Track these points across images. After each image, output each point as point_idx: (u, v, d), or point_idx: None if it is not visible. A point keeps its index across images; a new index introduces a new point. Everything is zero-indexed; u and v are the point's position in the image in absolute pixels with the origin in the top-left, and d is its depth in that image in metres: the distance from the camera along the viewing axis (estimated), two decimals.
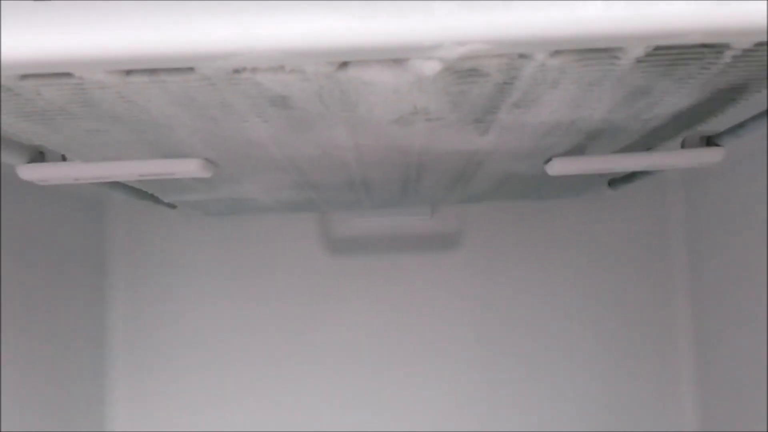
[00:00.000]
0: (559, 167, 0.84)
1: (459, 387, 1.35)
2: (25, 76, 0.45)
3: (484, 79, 0.50)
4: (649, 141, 0.77)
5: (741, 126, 0.77)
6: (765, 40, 0.44)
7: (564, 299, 1.35)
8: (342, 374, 1.35)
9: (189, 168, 0.73)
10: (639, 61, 0.47)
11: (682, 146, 0.85)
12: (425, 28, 0.41)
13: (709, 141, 0.85)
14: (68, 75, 0.45)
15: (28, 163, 0.74)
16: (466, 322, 1.36)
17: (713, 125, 0.77)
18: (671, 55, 0.46)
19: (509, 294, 1.36)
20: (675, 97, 0.57)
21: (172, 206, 1.19)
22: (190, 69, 0.44)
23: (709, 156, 0.83)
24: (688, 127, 0.71)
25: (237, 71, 0.45)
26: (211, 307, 1.35)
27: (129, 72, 0.45)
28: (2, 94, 0.49)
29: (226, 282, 1.35)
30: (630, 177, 1.12)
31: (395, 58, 0.44)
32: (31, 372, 1.07)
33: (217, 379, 1.34)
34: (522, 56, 0.45)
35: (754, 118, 0.75)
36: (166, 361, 1.34)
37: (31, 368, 1.06)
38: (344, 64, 0.45)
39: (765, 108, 0.75)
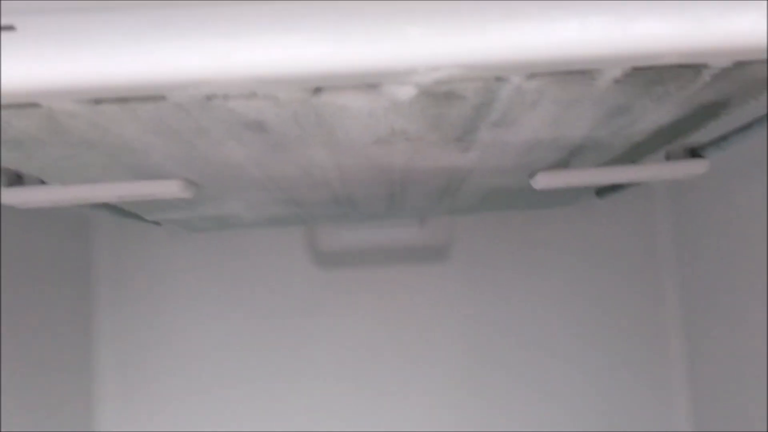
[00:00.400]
0: (543, 181, 0.83)
1: (450, 398, 1.34)
2: None
3: (462, 101, 0.49)
4: (633, 154, 0.77)
5: (724, 138, 0.76)
6: (743, 59, 0.44)
7: (554, 308, 1.35)
8: (331, 386, 1.34)
9: (169, 189, 0.72)
10: (617, 81, 0.46)
11: (667, 158, 0.84)
12: (398, 54, 0.41)
13: (694, 153, 0.85)
14: (36, 105, 0.44)
15: (8, 186, 0.73)
16: (456, 333, 1.35)
17: (698, 136, 0.77)
18: (649, 75, 0.46)
19: (499, 304, 1.35)
20: (655, 114, 0.57)
21: (157, 223, 1.18)
22: (162, 97, 0.43)
23: (693, 168, 0.82)
24: (671, 141, 0.71)
25: (209, 98, 0.44)
26: (199, 322, 1.34)
27: (98, 101, 0.44)
28: None
29: (213, 297, 1.34)
30: (618, 186, 1.12)
31: (369, 83, 0.43)
32: (17, 392, 1.05)
33: (206, 395, 1.33)
34: (498, 79, 0.45)
35: (738, 131, 0.75)
36: (154, 378, 1.33)
37: (16, 389, 1.05)
38: (318, 90, 0.44)
39: (748, 120, 0.75)
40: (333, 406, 1.34)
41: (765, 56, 0.42)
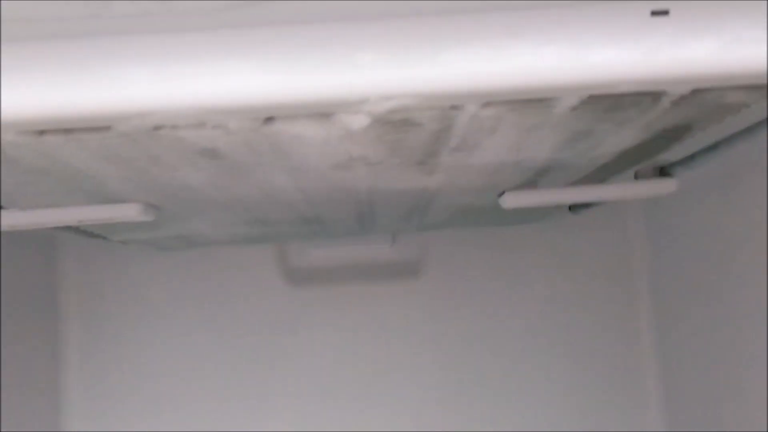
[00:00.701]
0: (511, 201, 0.83)
1: (424, 414, 1.33)
2: None
3: (419, 128, 0.48)
4: (600, 174, 0.76)
5: (692, 158, 0.76)
6: (701, 87, 0.43)
7: (528, 322, 1.34)
8: (304, 404, 1.32)
9: (128, 213, 0.71)
10: (574, 108, 0.46)
11: (636, 177, 0.84)
12: (349, 84, 0.40)
13: (663, 171, 0.84)
14: None
15: None
16: (429, 349, 1.34)
17: (668, 154, 0.77)
18: (607, 102, 0.45)
19: (472, 320, 1.34)
20: (618, 138, 0.56)
21: (124, 243, 1.16)
22: (107, 128, 0.42)
23: (662, 187, 0.82)
24: (638, 162, 0.70)
25: (156, 128, 0.43)
26: (168, 341, 1.31)
27: (42, 132, 0.43)
28: None
29: (183, 316, 1.32)
30: (590, 202, 1.12)
31: (321, 112, 0.42)
32: None
33: (176, 414, 1.31)
34: (454, 107, 0.44)
35: (706, 150, 0.74)
36: (123, 398, 1.30)
37: None
38: (269, 119, 0.43)
39: (717, 139, 0.75)
40: (305, 423, 1.32)
41: (722, 83, 0.42)
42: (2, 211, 0.72)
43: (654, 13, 0.40)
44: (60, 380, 1.29)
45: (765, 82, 0.41)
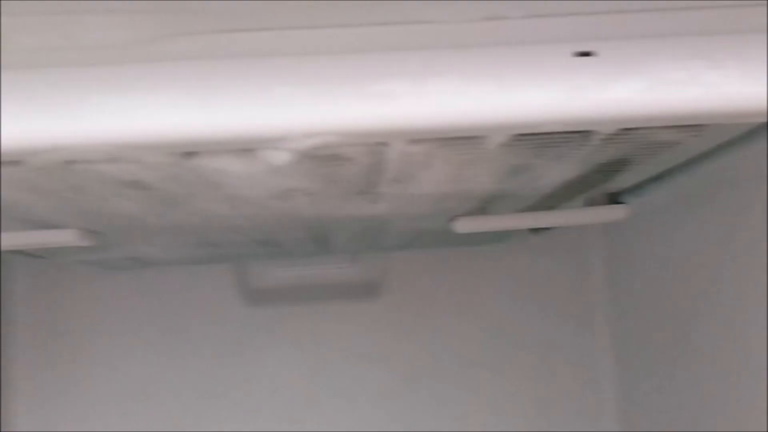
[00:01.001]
0: (463, 226, 0.82)
1: None
2: None
3: (350, 161, 0.47)
4: (549, 201, 0.76)
5: (639, 187, 0.76)
6: (628, 126, 0.43)
7: (487, 343, 1.33)
8: (263, 424, 1.30)
9: (65, 239, 0.69)
10: (504, 145, 0.45)
11: (587, 204, 0.84)
12: (267, 121, 0.39)
13: (613, 198, 0.84)
14: None
15: None
16: (389, 369, 1.33)
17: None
18: (537, 140, 0.44)
19: (432, 340, 1.33)
20: (557, 171, 0.56)
21: (69, 264, 1.14)
22: (17, 162, 0.41)
23: (613, 214, 0.82)
24: (584, 192, 0.70)
25: (68, 163, 0.41)
26: (122, 363, 1.29)
27: None
28: None
29: (137, 336, 1.29)
30: None
31: (242, 148, 0.41)
32: None
33: None
34: (380, 144, 0.43)
35: (654, 180, 0.74)
36: (73, 422, 1.27)
37: None
38: (189, 154, 0.42)
39: (667, 168, 0.74)
40: None
41: (648, 124, 0.41)
42: None
43: (578, 54, 0.39)
44: (8, 405, 1.25)
45: (691, 122, 0.41)
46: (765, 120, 0.42)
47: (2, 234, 0.69)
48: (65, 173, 0.44)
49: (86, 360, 1.28)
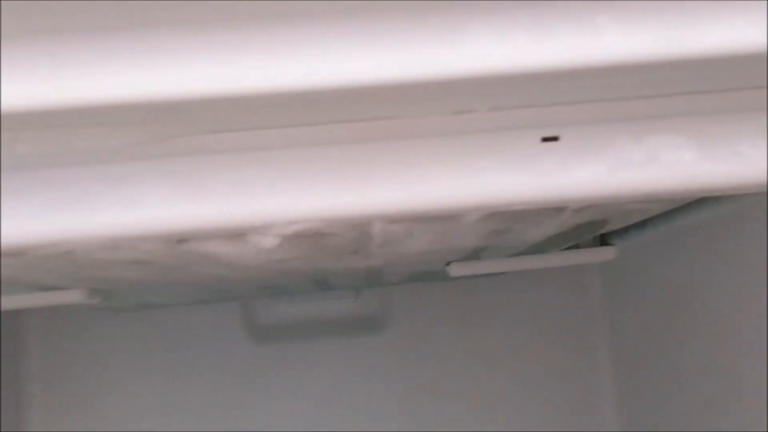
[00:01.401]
0: (457, 270, 0.84)
1: None
2: None
3: (336, 236, 0.50)
4: (539, 248, 0.78)
5: (625, 231, 0.78)
6: (597, 203, 0.45)
7: (490, 375, 1.35)
8: None
9: (72, 298, 0.72)
10: (480, 220, 0.47)
11: (577, 246, 0.86)
12: (255, 211, 0.41)
13: (603, 239, 0.86)
14: None
15: None
16: (393, 400, 1.35)
17: None
18: (510, 214, 0.47)
19: (436, 371, 1.35)
20: (537, 232, 0.58)
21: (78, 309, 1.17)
22: (21, 253, 0.43)
23: (603, 255, 0.84)
24: (570, 241, 0.72)
25: (68, 252, 0.44)
26: (133, 402, 1.31)
27: None
28: None
29: (147, 376, 1.32)
30: None
31: (231, 234, 0.44)
32: None
33: None
34: (361, 224, 0.46)
35: (636, 226, 0.76)
36: None
37: None
38: (181, 241, 0.45)
39: (649, 216, 0.77)
40: None
41: (614, 202, 0.44)
42: None
43: (545, 139, 0.42)
44: None
45: (654, 199, 0.43)
46: (729, 193, 0.44)
47: (11, 297, 0.72)
48: (68, 259, 0.46)
49: (96, 400, 1.30)
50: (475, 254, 0.78)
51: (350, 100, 0.35)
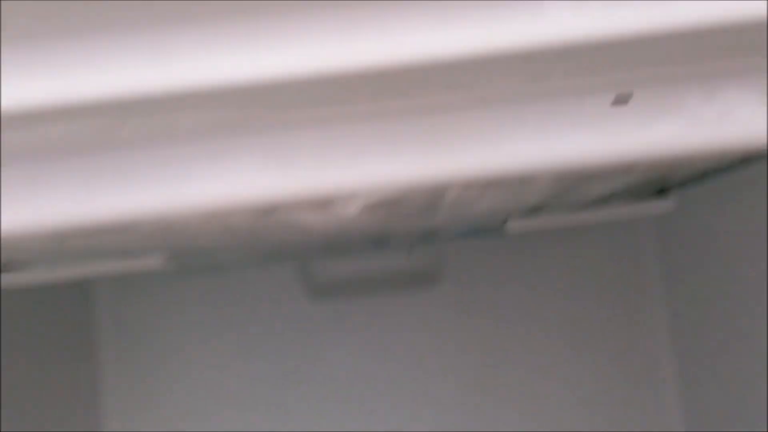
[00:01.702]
0: (516, 228, 0.86)
1: (444, 421, 1.37)
2: None
3: (412, 200, 0.52)
4: (600, 203, 0.79)
5: (682, 185, 0.79)
6: (670, 162, 0.46)
7: (548, 331, 1.36)
8: (332, 419, 1.37)
9: (152, 263, 0.76)
10: (552, 179, 0.49)
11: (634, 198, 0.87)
12: (342, 181, 0.44)
13: (661, 191, 0.87)
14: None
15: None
16: (449, 356, 1.38)
17: None
18: (582, 174, 0.48)
19: (491, 326, 1.37)
20: (602, 189, 0.59)
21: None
22: (125, 229, 0.47)
23: (660, 208, 0.85)
24: (629, 198, 0.73)
25: (169, 225, 0.47)
26: (200, 364, 1.37)
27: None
28: None
29: (214, 340, 1.37)
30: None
31: (316, 205, 0.46)
32: None
33: None
34: (438, 189, 0.48)
35: (694, 180, 0.77)
36: (160, 423, 1.36)
37: None
38: (269, 211, 0.47)
39: (700, 173, 0.77)
40: None
41: (686, 158, 0.45)
42: (37, 270, 0.77)
43: (617, 101, 0.43)
44: (99, 413, 1.35)
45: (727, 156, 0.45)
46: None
47: (96, 264, 0.76)
48: (163, 231, 0.50)
49: (168, 360, 1.36)
50: (533, 211, 0.79)
51: (439, 72, 0.37)
